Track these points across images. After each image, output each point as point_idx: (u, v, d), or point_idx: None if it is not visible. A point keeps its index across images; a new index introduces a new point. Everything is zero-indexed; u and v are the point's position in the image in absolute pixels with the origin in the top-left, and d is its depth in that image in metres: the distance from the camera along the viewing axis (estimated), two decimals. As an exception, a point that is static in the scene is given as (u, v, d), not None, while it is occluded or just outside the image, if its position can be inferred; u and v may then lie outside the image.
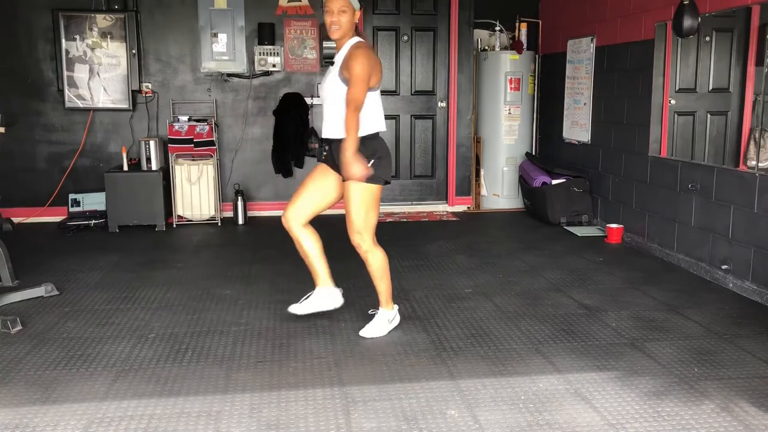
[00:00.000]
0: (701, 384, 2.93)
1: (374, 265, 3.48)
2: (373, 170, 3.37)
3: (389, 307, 3.59)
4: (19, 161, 6.45)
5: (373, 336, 3.50)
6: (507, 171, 6.98)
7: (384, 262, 3.50)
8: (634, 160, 5.42)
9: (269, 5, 6.54)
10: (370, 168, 3.35)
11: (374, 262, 3.48)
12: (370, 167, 3.36)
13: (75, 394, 2.84)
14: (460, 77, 7.01)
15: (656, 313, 3.84)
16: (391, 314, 3.59)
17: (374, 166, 3.38)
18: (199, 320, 3.74)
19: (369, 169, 3.33)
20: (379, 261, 3.48)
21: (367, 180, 3.36)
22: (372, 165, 3.36)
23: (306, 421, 2.62)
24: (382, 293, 3.56)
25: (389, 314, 3.58)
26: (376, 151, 3.41)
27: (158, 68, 6.57)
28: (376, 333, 3.52)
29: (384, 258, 3.50)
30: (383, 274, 3.51)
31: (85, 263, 4.91)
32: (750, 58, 4.26)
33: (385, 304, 3.57)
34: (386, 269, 3.52)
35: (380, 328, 3.54)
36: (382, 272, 3.51)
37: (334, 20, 3.34)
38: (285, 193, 6.81)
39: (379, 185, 3.43)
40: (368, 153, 3.36)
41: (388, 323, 3.57)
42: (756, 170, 4.11)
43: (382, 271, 3.50)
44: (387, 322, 3.57)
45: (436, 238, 5.79)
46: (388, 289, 3.56)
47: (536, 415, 2.66)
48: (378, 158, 3.40)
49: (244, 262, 5.00)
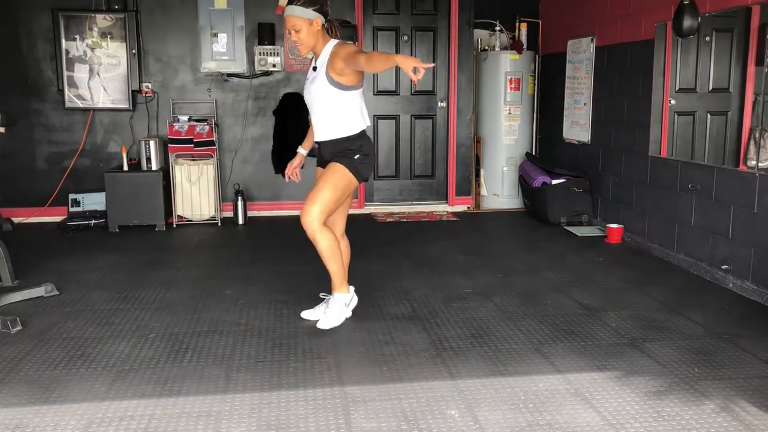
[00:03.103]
0: (701, 384, 2.93)
1: (323, 245, 3.44)
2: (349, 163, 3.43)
3: (344, 290, 3.57)
4: (19, 161, 6.45)
5: (331, 326, 3.51)
6: (507, 171, 6.98)
7: (332, 243, 3.45)
8: (634, 160, 5.42)
9: (269, 5, 6.54)
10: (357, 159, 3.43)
11: (322, 243, 3.43)
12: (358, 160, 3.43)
13: (75, 394, 2.84)
14: (460, 77, 7.01)
15: (656, 313, 3.84)
16: (347, 297, 3.57)
17: (360, 161, 3.43)
18: (199, 320, 3.74)
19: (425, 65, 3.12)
20: (327, 241, 3.44)
21: (351, 170, 3.42)
22: (358, 159, 3.42)
23: (306, 421, 2.62)
24: (335, 275, 3.53)
25: (345, 297, 3.57)
26: (362, 148, 3.46)
27: (158, 68, 6.57)
28: (334, 321, 3.53)
29: (333, 239, 3.46)
30: (332, 255, 3.47)
31: (85, 263, 4.91)
32: (750, 58, 4.26)
33: (339, 287, 3.56)
34: (335, 250, 3.48)
35: (337, 315, 3.55)
36: (331, 253, 3.46)
37: (295, 39, 3.36)
38: (285, 193, 6.83)
39: (357, 181, 3.48)
40: (356, 148, 3.43)
41: (344, 307, 3.56)
42: (756, 170, 4.11)
43: (330, 251, 3.46)
44: (344, 306, 3.56)
45: (436, 238, 5.79)
46: (340, 270, 3.53)
47: (536, 415, 2.66)
48: (364, 155, 3.46)
49: (244, 262, 4.99)
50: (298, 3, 3.29)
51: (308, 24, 3.32)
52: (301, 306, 3.94)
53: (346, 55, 3.26)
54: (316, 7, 3.32)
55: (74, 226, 6.06)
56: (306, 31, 3.32)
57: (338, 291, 3.57)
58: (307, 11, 3.30)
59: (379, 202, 7.09)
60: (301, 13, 3.29)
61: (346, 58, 3.26)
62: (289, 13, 3.30)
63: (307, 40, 3.34)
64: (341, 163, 3.43)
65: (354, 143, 3.44)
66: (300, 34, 3.32)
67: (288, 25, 3.33)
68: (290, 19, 3.31)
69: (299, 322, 3.70)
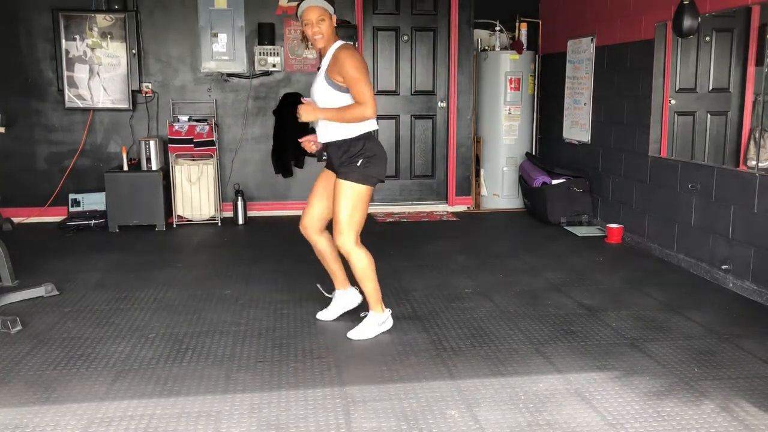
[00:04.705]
0: (701, 384, 2.93)
1: (357, 265, 3.41)
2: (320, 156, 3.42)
3: (378, 310, 3.51)
4: (19, 161, 6.45)
5: (360, 338, 3.46)
6: (507, 171, 6.98)
7: (367, 263, 3.42)
8: (634, 160, 5.42)
9: (269, 5, 6.55)
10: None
11: (357, 263, 3.41)
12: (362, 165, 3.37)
13: (75, 394, 2.84)
14: (460, 77, 7.01)
15: (656, 313, 3.84)
16: (381, 317, 3.52)
17: (364, 165, 3.36)
18: (199, 320, 3.74)
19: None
20: (362, 262, 3.41)
21: (357, 180, 3.35)
22: (361, 165, 3.35)
23: (306, 421, 2.62)
24: (370, 295, 3.49)
25: (379, 317, 3.51)
26: (365, 151, 3.37)
27: (158, 68, 6.57)
28: (364, 335, 3.47)
29: (368, 258, 3.43)
30: (368, 275, 3.44)
31: (85, 263, 4.91)
32: (750, 58, 4.26)
33: (374, 307, 3.50)
34: (370, 270, 3.44)
35: (369, 330, 3.48)
36: (367, 273, 3.43)
37: (316, 30, 3.33)
38: (285, 193, 6.83)
39: (368, 186, 3.39)
40: (358, 151, 3.36)
41: (377, 326, 3.50)
42: (756, 170, 4.11)
43: (366, 272, 3.42)
44: (377, 325, 3.50)
45: (436, 238, 5.79)
46: (376, 290, 3.49)
47: (536, 415, 2.66)
48: (367, 158, 3.37)
49: (244, 262, 4.99)
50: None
51: (329, 18, 3.35)
52: (301, 306, 3.94)
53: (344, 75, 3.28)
54: (333, 3, 3.38)
55: (74, 226, 6.06)
56: (328, 22, 3.34)
57: (374, 310, 3.51)
58: (328, 5, 3.35)
59: (379, 202, 7.08)
60: (325, 6, 3.33)
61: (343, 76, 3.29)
62: (314, 4, 3.30)
63: (327, 32, 3.35)
64: (345, 179, 3.35)
65: (356, 145, 3.37)
66: (323, 26, 3.32)
67: (314, 15, 3.31)
68: (314, 11, 3.30)
69: (299, 322, 3.70)
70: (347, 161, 3.38)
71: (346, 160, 3.38)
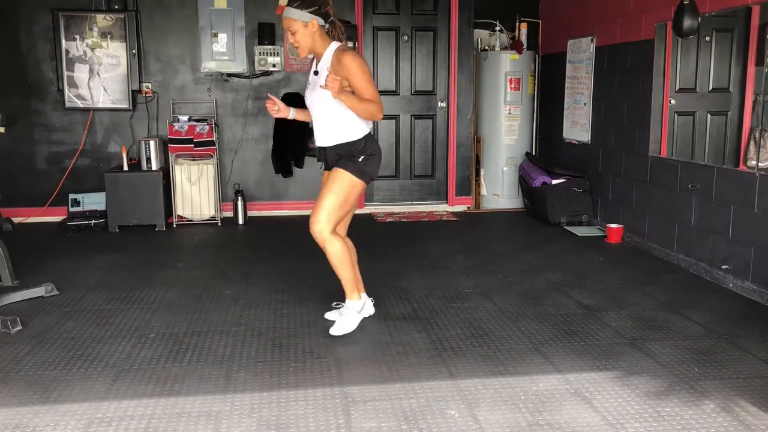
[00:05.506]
0: (701, 384, 2.93)
1: (333, 253, 3.41)
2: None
3: (355, 297, 3.54)
4: (19, 161, 6.45)
5: (343, 332, 3.48)
6: (507, 171, 6.98)
7: (343, 251, 3.42)
8: (634, 160, 5.42)
9: (269, 5, 6.54)
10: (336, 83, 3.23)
11: (333, 251, 3.40)
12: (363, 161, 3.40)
13: (75, 394, 2.84)
14: (460, 77, 7.01)
15: (656, 313, 3.84)
16: (358, 304, 3.55)
17: (364, 162, 3.42)
18: (199, 320, 3.74)
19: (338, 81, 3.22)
20: (337, 249, 3.40)
21: (355, 173, 3.39)
22: (362, 161, 3.41)
23: (306, 421, 2.62)
24: (346, 283, 3.50)
25: (356, 305, 3.54)
26: (367, 149, 3.44)
27: (158, 68, 6.57)
28: (347, 328, 3.50)
29: (343, 247, 3.43)
30: (343, 263, 3.44)
31: (85, 263, 4.91)
32: (750, 58, 4.26)
33: (350, 295, 3.53)
34: (346, 258, 3.45)
35: (349, 322, 3.51)
36: (342, 261, 3.44)
37: (292, 41, 3.35)
38: (285, 193, 6.83)
39: (363, 182, 3.44)
40: (359, 151, 3.41)
41: (357, 314, 3.54)
42: (756, 170, 4.11)
43: (341, 259, 3.43)
44: (356, 313, 3.54)
45: (436, 238, 5.80)
46: (352, 278, 3.51)
47: (536, 415, 2.66)
48: (369, 155, 3.44)
49: (244, 262, 4.99)
50: (293, 5, 3.29)
51: (303, 26, 3.30)
52: (301, 306, 3.94)
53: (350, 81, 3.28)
54: (312, 9, 3.29)
55: (74, 226, 6.07)
56: (301, 32, 3.31)
57: (350, 299, 3.54)
58: (302, 13, 3.28)
59: (379, 202, 7.09)
60: (295, 15, 3.28)
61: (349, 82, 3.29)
62: (285, 15, 3.31)
63: (303, 42, 3.33)
64: (344, 168, 3.39)
65: (356, 146, 3.41)
66: (296, 36, 3.31)
67: (284, 26, 3.35)
68: (285, 21, 3.32)
69: (299, 322, 3.70)
70: (347, 156, 3.42)
71: (347, 155, 3.42)
